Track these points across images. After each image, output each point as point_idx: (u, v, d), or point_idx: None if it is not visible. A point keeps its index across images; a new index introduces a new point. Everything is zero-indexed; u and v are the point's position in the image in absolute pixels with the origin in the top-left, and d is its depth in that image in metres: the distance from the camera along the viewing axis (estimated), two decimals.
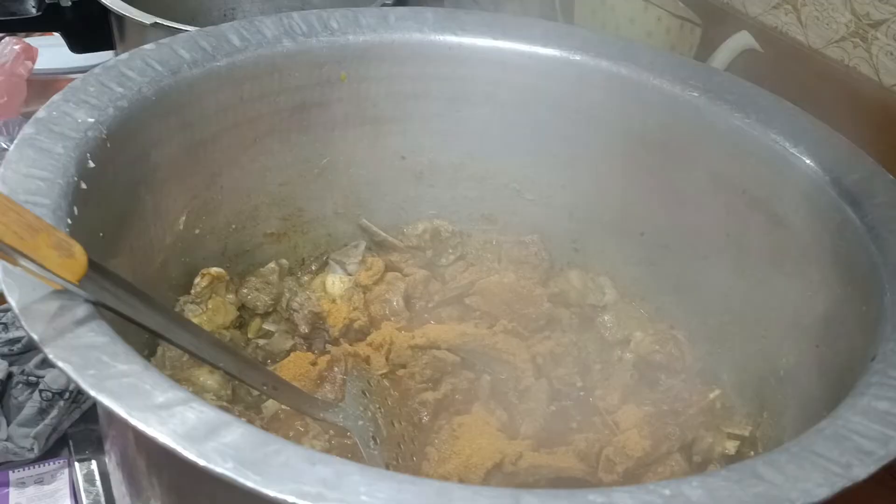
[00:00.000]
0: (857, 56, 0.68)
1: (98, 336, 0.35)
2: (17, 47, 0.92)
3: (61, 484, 0.60)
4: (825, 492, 0.33)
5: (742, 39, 0.73)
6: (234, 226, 0.62)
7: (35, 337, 0.34)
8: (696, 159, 0.60)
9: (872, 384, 0.39)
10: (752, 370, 0.57)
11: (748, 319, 0.58)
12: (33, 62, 0.94)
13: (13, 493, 0.60)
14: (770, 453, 0.35)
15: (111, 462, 0.47)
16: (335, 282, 0.65)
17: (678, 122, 0.60)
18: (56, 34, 0.87)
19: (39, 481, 0.61)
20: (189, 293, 0.58)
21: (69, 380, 0.48)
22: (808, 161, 0.54)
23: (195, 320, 0.57)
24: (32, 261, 0.34)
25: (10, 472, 0.61)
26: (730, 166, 0.58)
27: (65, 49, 0.88)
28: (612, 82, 0.62)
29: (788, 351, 0.54)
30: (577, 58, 0.62)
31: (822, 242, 0.52)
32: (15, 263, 0.35)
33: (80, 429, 0.64)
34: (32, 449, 0.61)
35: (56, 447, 0.63)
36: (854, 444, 0.35)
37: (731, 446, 0.56)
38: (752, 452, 0.55)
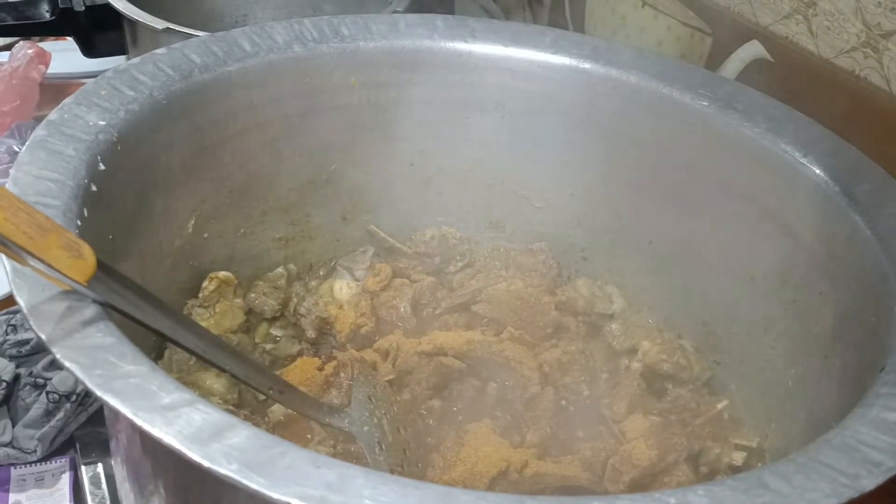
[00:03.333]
0: (868, 66, 0.68)
1: (106, 337, 0.35)
2: (30, 51, 0.93)
3: (62, 484, 0.61)
4: (832, 502, 0.32)
5: (752, 49, 0.73)
6: (242, 230, 0.62)
7: (43, 337, 0.34)
8: (706, 168, 0.59)
9: (881, 395, 0.38)
10: (761, 381, 0.57)
11: (757, 330, 0.57)
12: (46, 66, 0.95)
13: (13, 492, 0.60)
14: (777, 463, 0.34)
15: (117, 463, 0.47)
16: (343, 287, 0.65)
17: (687, 132, 0.60)
18: (69, 39, 0.87)
19: (40, 480, 0.61)
20: (197, 297, 0.58)
21: (76, 382, 0.49)
22: (817, 171, 0.54)
23: (202, 324, 0.57)
24: (42, 261, 0.34)
25: (13, 469, 0.61)
26: (739, 176, 0.58)
27: (78, 54, 0.88)
28: (622, 91, 0.62)
29: (797, 362, 0.53)
30: (587, 66, 0.63)
31: (832, 252, 0.51)
32: (25, 264, 0.35)
33: (86, 431, 0.64)
34: (35, 451, 0.61)
35: (62, 449, 0.63)
36: (862, 454, 0.35)
37: (738, 457, 0.55)
38: (760, 464, 0.55)
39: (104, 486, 0.60)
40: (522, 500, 0.31)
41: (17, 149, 0.90)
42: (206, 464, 0.30)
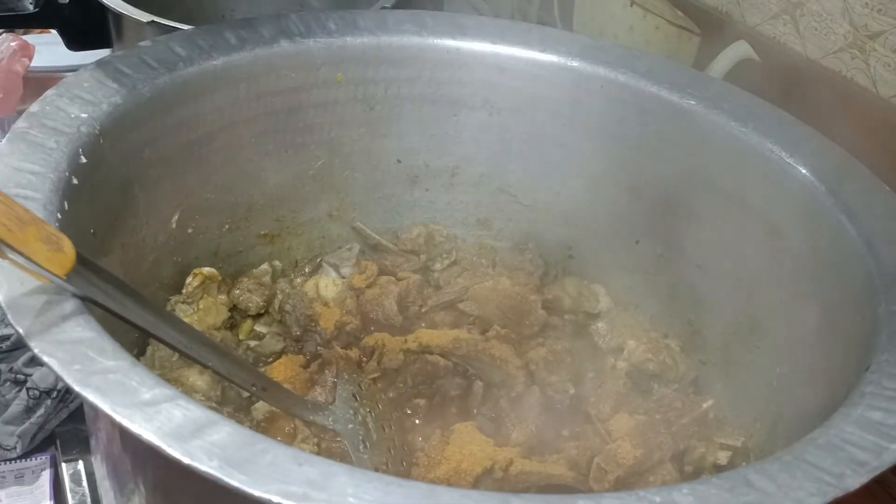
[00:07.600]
0: (855, 67, 0.68)
1: (85, 331, 0.34)
2: (13, 44, 0.92)
3: (42, 481, 0.60)
4: (817, 501, 0.32)
5: (740, 49, 0.73)
6: (227, 226, 0.62)
7: (20, 331, 0.34)
8: (692, 168, 0.59)
9: (866, 394, 0.39)
10: (746, 380, 0.57)
11: (742, 329, 0.57)
12: (30, 59, 0.94)
13: None
14: (762, 462, 0.34)
15: (97, 459, 0.46)
16: (328, 284, 0.65)
17: (675, 131, 0.60)
18: (53, 32, 0.86)
19: (20, 477, 0.60)
20: (180, 293, 0.58)
21: (57, 378, 0.48)
22: (804, 171, 0.54)
23: (186, 320, 0.56)
24: (20, 254, 0.34)
25: None
26: (726, 175, 0.58)
27: (62, 47, 0.87)
28: (610, 89, 0.62)
29: (782, 361, 0.53)
30: (575, 64, 0.62)
31: (818, 252, 0.52)
32: (3, 256, 0.34)
33: (67, 428, 0.63)
34: (15, 447, 0.61)
35: (42, 446, 0.63)
36: (847, 454, 0.35)
37: (723, 457, 0.55)
38: (744, 463, 0.55)
39: (85, 483, 0.59)
40: (507, 498, 0.31)
41: None
42: (186, 460, 0.30)
